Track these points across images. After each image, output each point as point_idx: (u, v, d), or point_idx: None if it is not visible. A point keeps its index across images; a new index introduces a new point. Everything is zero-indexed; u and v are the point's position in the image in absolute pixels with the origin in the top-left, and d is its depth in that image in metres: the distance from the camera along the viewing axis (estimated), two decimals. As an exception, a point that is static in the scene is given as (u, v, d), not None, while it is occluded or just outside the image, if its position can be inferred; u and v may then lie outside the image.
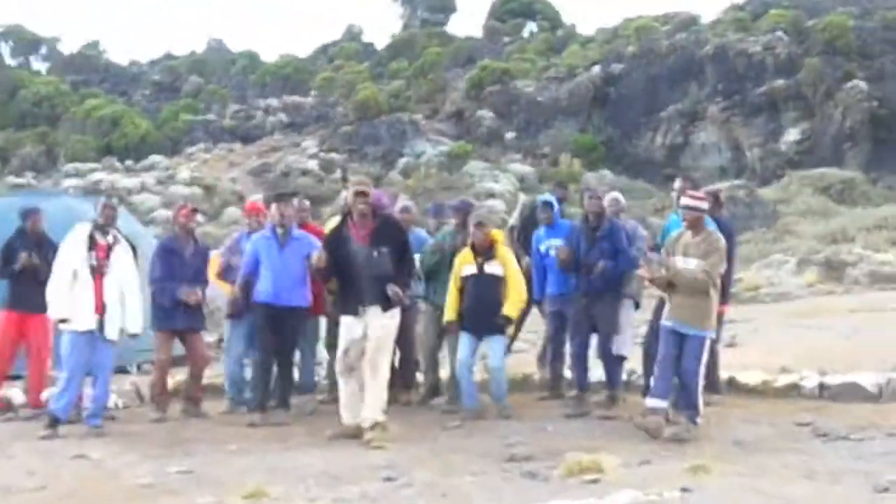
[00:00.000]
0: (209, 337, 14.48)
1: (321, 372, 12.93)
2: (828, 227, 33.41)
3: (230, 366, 12.35)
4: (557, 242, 12.01)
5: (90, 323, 10.90)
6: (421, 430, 10.78)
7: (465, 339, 11.53)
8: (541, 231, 12.40)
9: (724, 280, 11.24)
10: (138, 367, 15.81)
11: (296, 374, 12.20)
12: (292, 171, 49.19)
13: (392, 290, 10.31)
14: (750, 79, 50.37)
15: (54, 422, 10.87)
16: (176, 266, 11.93)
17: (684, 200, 10.31)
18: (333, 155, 50.71)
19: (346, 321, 10.51)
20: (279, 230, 11.50)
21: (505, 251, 11.63)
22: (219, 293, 13.47)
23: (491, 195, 45.16)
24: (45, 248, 12.10)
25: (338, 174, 49.28)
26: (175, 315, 11.91)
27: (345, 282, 10.61)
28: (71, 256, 11.05)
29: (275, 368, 11.48)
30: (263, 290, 11.47)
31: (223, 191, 47.22)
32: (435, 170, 48.30)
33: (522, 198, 14.53)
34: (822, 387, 12.11)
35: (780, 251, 30.35)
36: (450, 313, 11.56)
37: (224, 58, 79.97)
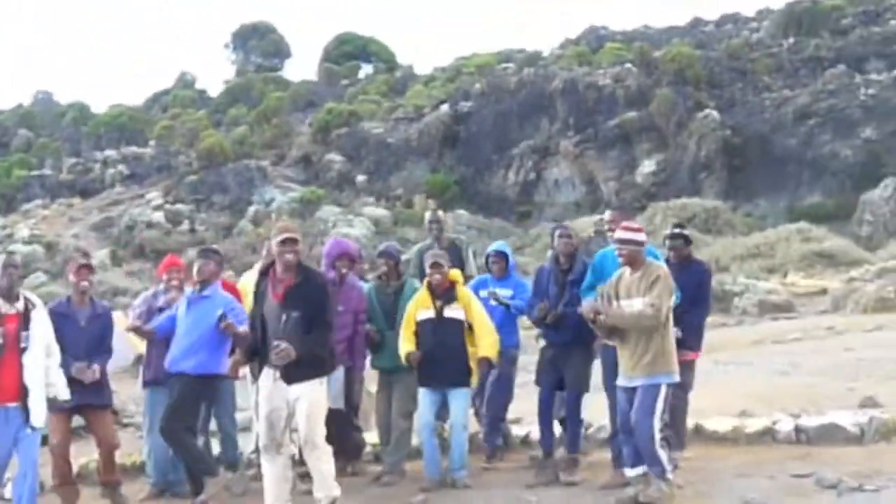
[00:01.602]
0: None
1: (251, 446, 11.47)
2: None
3: (154, 444, 10.62)
4: (506, 292, 10.88)
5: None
6: (382, 505, 9.52)
7: (425, 398, 10.20)
8: (485, 278, 11.21)
9: (697, 324, 10.25)
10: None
11: (216, 448, 10.79)
12: (137, 224, 47.38)
13: (280, 346, 8.94)
14: (601, 112, 50.19)
15: None
16: (69, 335, 10.02)
17: (619, 234, 9.11)
18: (180, 206, 48.99)
19: (263, 388, 9.10)
20: (195, 288, 10.14)
21: (466, 293, 10.35)
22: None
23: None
24: None
25: (185, 225, 47.60)
26: (72, 390, 9.88)
27: (262, 343, 9.23)
28: None
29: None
30: (167, 358, 10.12)
31: (66, 248, 45.07)
32: (286, 217, 46.86)
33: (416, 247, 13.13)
34: (798, 430, 11.20)
35: (658, 285, 29.75)
36: (406, 346, 10.23)
37: (53, 110, 77.35)
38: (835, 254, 32.94)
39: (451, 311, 10.15)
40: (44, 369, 9.17)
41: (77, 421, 10.74)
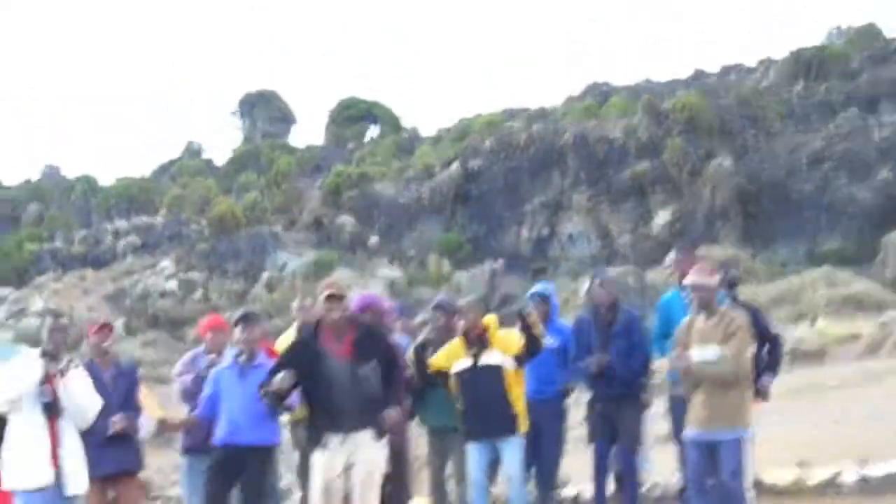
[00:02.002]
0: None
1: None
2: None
3: None
4: (548, 340, 10.41)
5: (46, 477, 8.65)
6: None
7: (474, 454, 9.77)
8: None
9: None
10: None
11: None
12: (151, 294, 47.06)
13: (389, 414, 8.56)
14: (613, 164, 49.83)
15: None
16: (98, 393, 9.54)
17: (691, 278, 8.72)
18: (192, 274, 48.63)
19: (321, 456, 8.64)
20: (242, 357, 9.74)
21: (499, 333, 9.83)
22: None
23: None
24: None
25: (199, 293, 47.23)
26: (103, 457, 9.58)
27: (320, 407, 8.76)
28: (17, 390, 8.81)
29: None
30: (222, 429, 9.68)
31: (79, 320, 44.65)
32: (301, 281, 46.50)
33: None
34: (863, 479, 10.77)
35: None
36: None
37: (61, 184, 77.14)
38: (862, 298, 32.44)
39: (489, 358, 9.70)
40: (79, 437, 8.94)
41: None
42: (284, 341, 10.96)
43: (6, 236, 61.59)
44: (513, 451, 9.68)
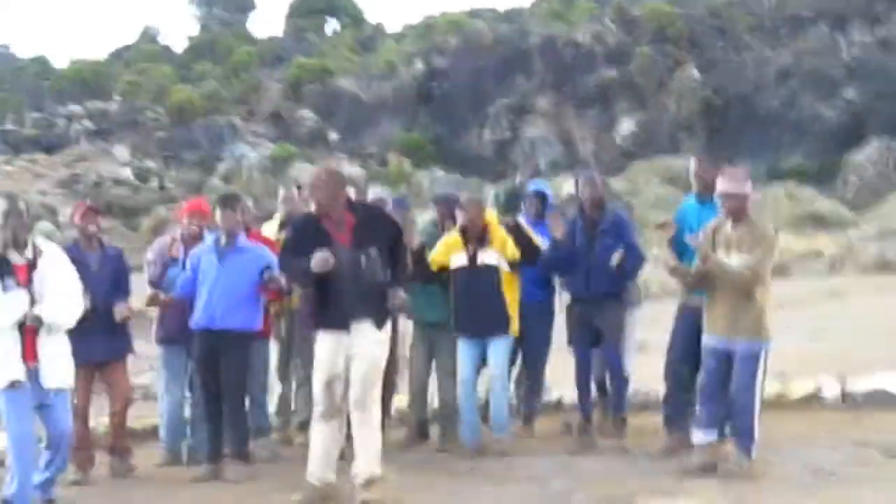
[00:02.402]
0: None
1: (271, 408, 10.81)
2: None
3: (167, 405, 10.09)
4: (541, 240, 10.21)
5: (16, 372, 8.08)
6: (425, 478, 8.88)
7: (464, 350, 9.65)
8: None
9: None
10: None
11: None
12: (105, 180, 46.29)
13: (395, 293, 8.27)
14: (579, 69, 49.56)
15: None
16: (83, 279, 9.07)
17: (723, 186, 8.48)
18: (148, 162, 48.01)
19: (326, 344, 8.32)
20: (223, 240, 9.49)
21: (502, 235, 9.63)
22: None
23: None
24: None
25: (154, 183, 46.68)
26: (92, 342, 9.26)
27: (324, 294, 8.48)
28: None
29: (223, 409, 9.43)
30: (199, 313, 9.42)
31: (32, 204, 43.95)
32: (258, 174, 46.16)
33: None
34: (844, 395, 10.77)
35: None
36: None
37: (12, 65, 75.82)
38: (824, 215, 32.60)
39: (486, 257, 9.56)
40: (57, 320, 8.31)
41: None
42: (268, 230, 10.74)
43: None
44: (500, 351, 9.57)
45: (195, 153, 48.96)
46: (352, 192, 8.74)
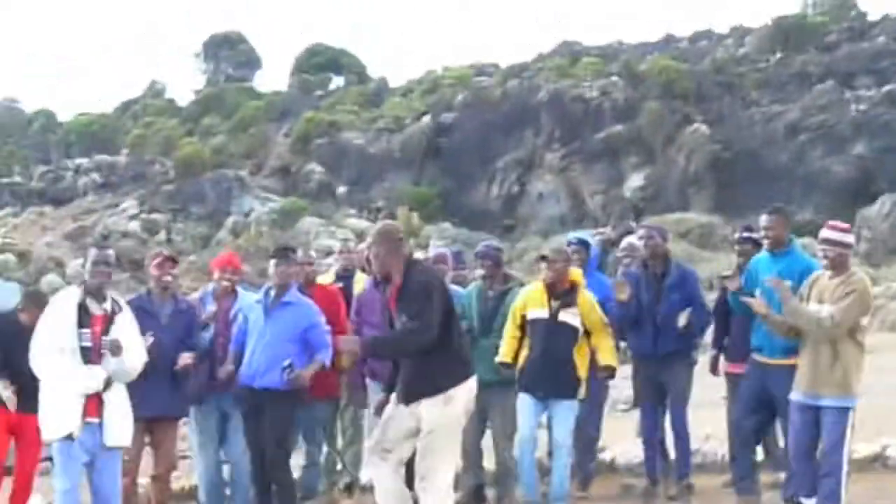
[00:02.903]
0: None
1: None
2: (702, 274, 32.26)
3: (203, 469, 9.58)
4: None
5: (74, 425, 7.77)
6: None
7: (527, 407, 9.10)
8: None
9: None
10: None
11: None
12: (112, 233, 46.12)
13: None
14: (588, 125, 49.36)
15: None
16: (150, 329, 8.78)
17: (826, 233, 8.11)
18: (156, 215, 47.74)
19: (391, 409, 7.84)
20: (272, 293, 9.11)
21: (588, 298, 9.17)
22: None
23: (329, 252, 43.20)
24: None
25: (162, 235, 46.39)
26: (152, 397, 8.84)
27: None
28: (57, 341, 7.86)
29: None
30: (243, 369, 9.03)
31: (39, 257, 43.87)
32: (266, 228, 45.85)
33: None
34: (905, 457, 10.42)
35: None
36: (506, 353, 9.21)
37: (18, 118, 75.67)
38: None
39: (567, 316, 9.03)
40: (122, 385, 8.11)
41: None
42: (326, 279, 10.38)
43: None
44: (565, 417, 9.08)
45: (203, 207, 48.72)
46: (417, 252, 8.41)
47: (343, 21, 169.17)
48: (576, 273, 9.27)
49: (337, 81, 78.78)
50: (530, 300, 9.18)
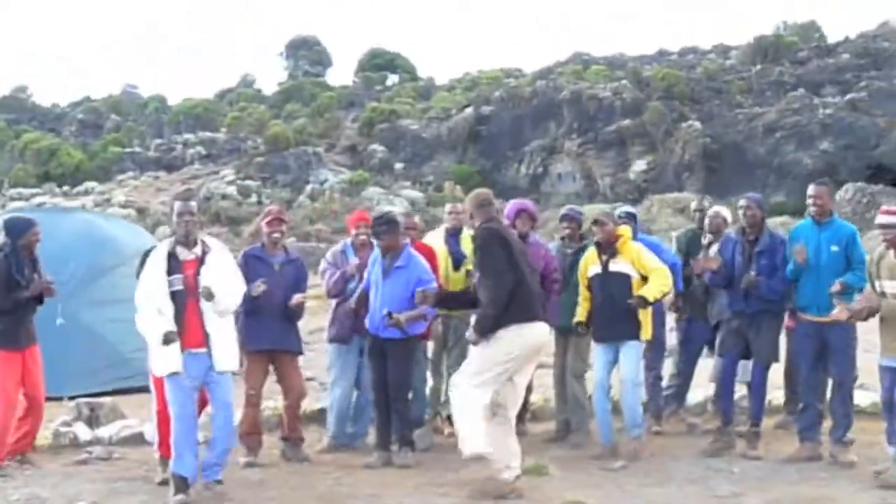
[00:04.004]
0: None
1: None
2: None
3: (337, 398, 8.92)
4: None
5: (175, 364, 7.10)
6: (582, 474, 7.70)
7: (600, 356, 8.49)
8: None
9: None
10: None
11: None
12: (213, 195, 45.31)
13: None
14: (601, 119, 48.25)
15: (183, 484, 7.17)
16: (264, 275, 8.32)
17: (883, 219, 7.41)
18: (249, 182, 46.93)
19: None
20: (385, 258, 8.34)
21: (632, 247, 8.49)
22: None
23: (389, 215, 42.62)
24: (36, 268, 8.36)
25: (254, 198, 45.65)
26: (268, 331, 8.41)
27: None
28: (150, 289, 7.21)
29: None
30: (369, 320, 8.39)
31: (155, 212, 43.22)
32: (338, 195, 45.10)
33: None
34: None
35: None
36: (580, 314, 8.65)
37: (136, 101, 75.08)
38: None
39: (617, 265, 8.39)
40: (223, 313, 7.35)
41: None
42: (434, 239, 9.58)
43: (92, 140, 59.90)
44: (631, 355, 8.38)
45: (287, 176, 47.87)
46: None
47: (398, 29, 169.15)
48: (622, 229, 8.61)
49: (392, 79, 78.05)
50: (588, 260, 8.60)
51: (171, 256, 7.27)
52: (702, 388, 9.76)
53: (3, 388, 8.11)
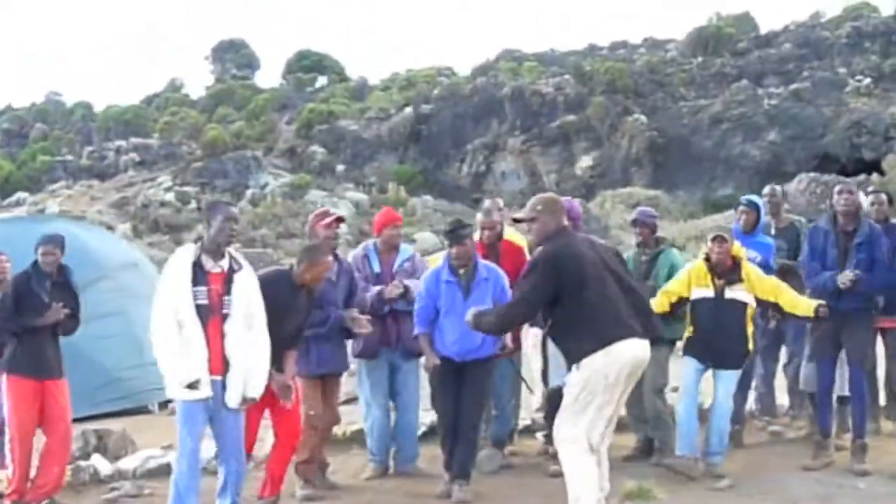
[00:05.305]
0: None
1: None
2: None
3: (375, 418, 7.93)
4: (751, 254, 8.14)
5: (204, 389, 6.15)
6: (690, 496, 6.91)
7: (691, 367, 7.60)
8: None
9: None
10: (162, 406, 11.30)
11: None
12: (152, 202, 43.89)
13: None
14: (544, 115, 47.75)
15: None
16: (322, 290, 7.29)
17: None
18: (187, 188, 45.48)
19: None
20: (461, 273, 7.37)
21: (753, 271, 7.60)
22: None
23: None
24: (68, 291, 7.47)
25: (193, 205, 44.26)
26: (326, 354, 7.40)
27: None
28: (173, 300, 6.22)
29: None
30: (442, 344, 7.36)
31: (92, 222, 41.57)
32: (280, 199, 43.98)
33: None
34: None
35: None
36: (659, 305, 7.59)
37: (61, 108, 72.90)
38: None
39: (735, 293, 7.45)
40: (244, 342, 6.27)
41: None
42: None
43: (19, 150, 57.88)
44: (729, 380, 7.60)
45: (226, 181, 46.44)
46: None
47: (323, 30, 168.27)
48: (737, 248, 7.65)
49: (321, 80, 76.92)
50: (694, 279, 7.56)
51: (196, 266, 6.28)
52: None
53: (14, 418, 7.18)
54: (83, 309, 11.49)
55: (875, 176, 36.55)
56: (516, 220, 6.64)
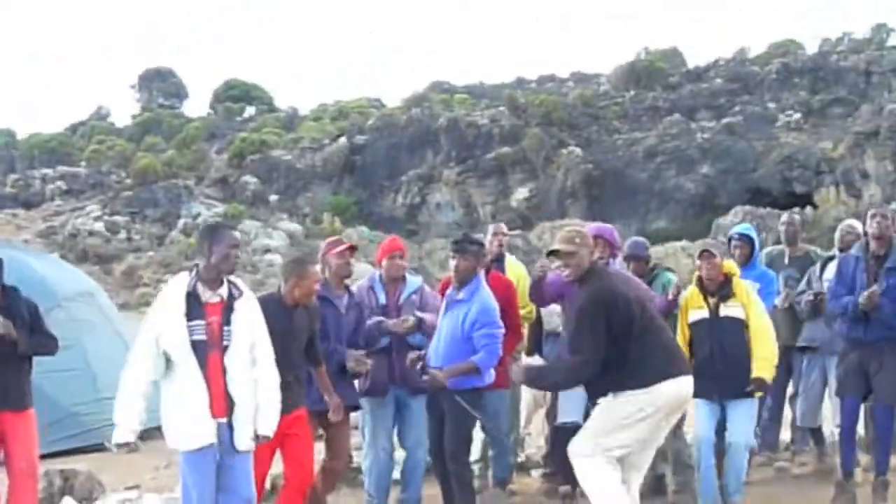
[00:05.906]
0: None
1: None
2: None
3: (375, 459, 7.31)
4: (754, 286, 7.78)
5: (208, 434, 5.52)
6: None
7: (703, 410, 7.05)
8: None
9: None
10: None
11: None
12: (80, 232, 42.75)
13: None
14: (479, 147, 47.74)
15: None
16: (332, 322, 6.80)
17: None
18: (116, 217, 44.42)
19: None
20: (453, 288, 6.95)
21: (746, 288, 7.09)
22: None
23: (267, 250, 40.96)
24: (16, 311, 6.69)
25: (123, 234, 43.27)
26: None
27: None
28: (164, 339, 5.56)
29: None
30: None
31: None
32: (212, 229, 43.10)
33: None
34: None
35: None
36: None
37: (-19, 136, 71.16)
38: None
39: (729, 310, 6.96)
40: (249, 376, 5.65)
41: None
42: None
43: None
44: (742, 413, 7.01)
45: (157, 210, 45.49)
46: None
47: (250, 60, 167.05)
48: (729, 265, 7.18)
49: (249, 110, 76.26)
50: (690, 302, 7.09)
51: (191, 297, 5.64)
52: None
53: None
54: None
55: (809, 209, 37.03)
56: (552, 253, 6.18)
